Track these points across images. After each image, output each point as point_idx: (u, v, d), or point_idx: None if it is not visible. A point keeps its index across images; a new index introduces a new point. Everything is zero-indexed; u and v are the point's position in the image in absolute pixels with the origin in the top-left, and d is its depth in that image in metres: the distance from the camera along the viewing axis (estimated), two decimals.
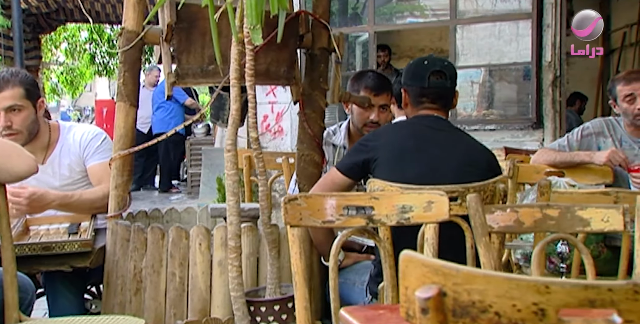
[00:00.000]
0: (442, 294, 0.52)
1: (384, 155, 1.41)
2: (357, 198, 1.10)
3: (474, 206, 1.05)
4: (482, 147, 1.48)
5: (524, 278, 0.51)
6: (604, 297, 0.50)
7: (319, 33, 1.63)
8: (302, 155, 1.65)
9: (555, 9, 5.12)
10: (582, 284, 0.50)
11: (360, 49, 6.42)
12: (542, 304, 0.50)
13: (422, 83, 1.47)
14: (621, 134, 2.08)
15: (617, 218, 1.05)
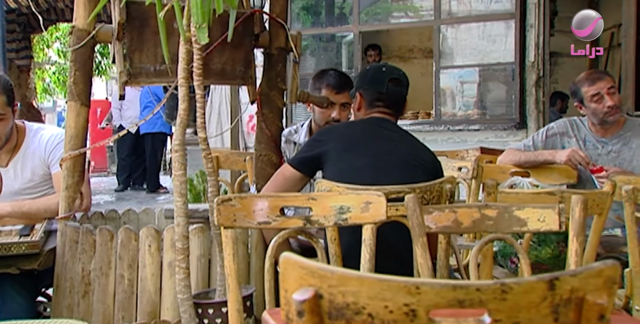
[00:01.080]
0: (319, 297, 0.51)
1: (334, 148, 1.43)
2: (295, 198, 1.09)
3: (411, 207, 1.04)
4: (427, 149, 1.52)
5: (395, 279, 0.50)
6: (473, 297, 0.50)
7: (276, 32, 1.62)
8: (259, 156, 1.64)
9: (539, 10, 5.14)
10: (451, 285, 0.50)
11: (346, 49, 6.41)
12: (413, 305, 0.50)
13: (381, 89, 1.51)
14: (585, 134, 2.08)
15: (553, 217, 1.05)
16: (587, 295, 0.52)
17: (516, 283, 0.51)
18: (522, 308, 0.51)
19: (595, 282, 0.53)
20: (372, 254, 1.10)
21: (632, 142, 2.01)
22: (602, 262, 0.54)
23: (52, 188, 1.70)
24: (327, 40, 6.46)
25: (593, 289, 0.53)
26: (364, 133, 1.46)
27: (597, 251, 1.76)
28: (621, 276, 1.61)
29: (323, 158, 1.43)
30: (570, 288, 0.52)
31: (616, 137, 2.04)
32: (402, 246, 1.27)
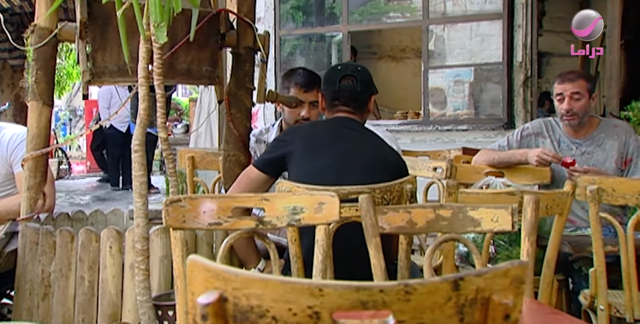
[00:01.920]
0: (223, 300, 0.50)
1: (298, 148, 1.43)
2: (247, 199, 1.08)
3: (365, 207, 1.04)
4: (392, 149, 1.52)
5: (298, 282, 0.49)
6: (376, 298, 0.49)
7: (244, 32, 1.62)
8: (227, 156, 1.63)
9: (526, 10, 5.15)
10: (354, 286, 0.49)
11: (335, 49, 6.41)
12: (317, 308, 0.49)
13: (334, 87, 1.51)
14: (560, 135, 2.08)
15: (506, 218, 1.05)
16: (493, 295, 0.52)
17: (420, 284, 0.50)
18: (426, 309, 0.50)
19: (502, 282, 0.52)
20: (325, 255, 1.09)
21: (605, 143, 2.02)
22: (509, 262, 0.53)
23: (15, 188, 1.68)
24: (316, 40, 6.46)
25: (499, 289, 0.52)
26: (328, 133, 1.46)
27: (567, 251, 1.77)
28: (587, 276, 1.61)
29: (287, 158, 1.42)
30: (476, 288, 0.51)
31: (590, 138, 2.04)
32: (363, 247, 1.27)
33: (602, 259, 1.47)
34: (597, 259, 1.47)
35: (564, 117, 1.99)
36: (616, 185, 1.44)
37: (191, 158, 2.22)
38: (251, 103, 1.64)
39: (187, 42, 1.48)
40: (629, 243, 1.44)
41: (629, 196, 1.43)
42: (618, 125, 2.04)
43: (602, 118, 2.10)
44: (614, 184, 1.45)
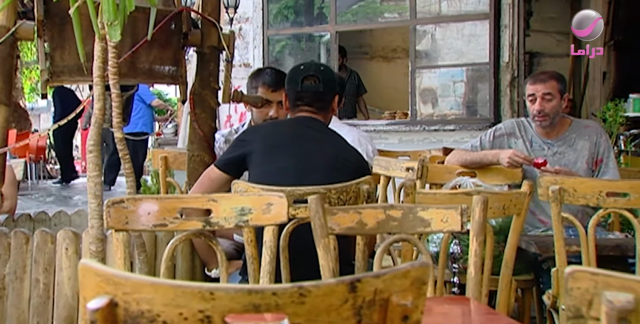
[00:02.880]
0: (114, 305, 0.49)
1: (259, 148, 1.42)
2: (194, 200, 1.07)
3: (313, 208, 1.03)
4: (354, 149, 1.51)
5: (189, 285, 0.49)
6: (269, 301, 0.48)
7: (208, 31, 1.61)
8: (192, 156, 1.62)
9: (513, 10, 5.15)
10: (246, 289, 0.48)
11: (324, 49, 6.39)
12: (208, 311, 0.48)
13: (296, 87, 1.50)
14: (532, 135, 2.08)
15: (456, 218, 1.04)
16: (392, 297, 0.51)
17: (315, 286, 0.49)
18: (322, 312, 0.50)
19: (402, 283, 0.52)
20: (273, 256, 1.08)
21: (576, 143, 2.02)
22: (409, 263, 0.52)
23: None
24: (305, 40, 6.45)
25: (399, 291, 0.52)
26: (289, 133, 1.45)
27: (533, 251, 1.77)
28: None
29: (248, 158, 1.41)
30: (374, 289, 0.51)
31: (561, 138, 2.04)
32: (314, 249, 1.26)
33: (564, 259, 1.46)
34: (559, 259, 1.47)
35: (536, 118, 1.99)
36: (577, 185, 1.44)
37: (164, 158, 2.21)
38: (216, 103, 1.63)
39: (149, 41, 1.46)
40: (589, 243, 1.44)
41: (589, 197, 1.43)
42: (589, 126, 2.05)
43: (573, 119, 2.10)
44: (575, 184, 1.44)
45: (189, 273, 1.49)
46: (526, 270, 1.89)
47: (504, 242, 1.88)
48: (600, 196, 1.41)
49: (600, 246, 1.63)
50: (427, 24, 5.54)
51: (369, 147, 2.34)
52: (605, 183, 1.44)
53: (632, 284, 0.48)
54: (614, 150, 3.61)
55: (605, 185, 1.42)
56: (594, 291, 0.48)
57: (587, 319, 0.49)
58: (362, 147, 2.33)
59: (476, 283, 1.01)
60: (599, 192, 1.41)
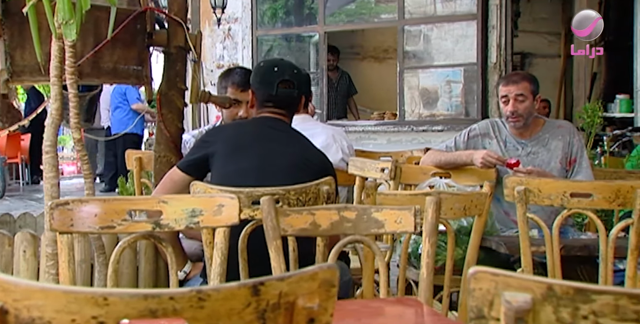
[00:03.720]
0: (4, 312, 0.48)
1: (221, 149, 1.41)
2: (144, 201, 1.06)
3: (265, 209, 1.02)
4: (317, 150, 1.50)
5: (82, 291, 0.47)
6: (166, 306, 0.47)
7: (175, 31, 1.59)
8: (158, 157, 1.61)
9: (500, 11, 5.16)
10: (141, 294, 0.47)
11: (314, 49, 6.38)
12: (102, 317, 0.47)
13: (270, 91, 1.48)
14: (506, 135, 2.08)
15: (409, 219, 1.03)
16: (297, 299, 0.50)
17: (215, 290, 0.48)
18: (223, 316, 0.49)
19: (309, 286, 0.51)
20: (223, 258, 1.07)
21: (550, 143, 2.02)
22: (317, 265, 0.52)
23: None
24: (296, 40, 6.44)
25: (306, 293, 0.51)
26: (252, 134, 1.44)
27: (503, 251, 1.76)
28: None
29: (210, 159, 1.40)
30: (279, 292, 0.50)
31: (535, 138, 2.04)
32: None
33: (529, 260, 1.46)
34: (524, 260, 1.46)
35: (510, 119, 2.00)
36: (542, 186, 1.43)
37: (138, 159, 2.19)
38: (183, 103, 1.62)
39: (112, 40, 1.45)
40: (554, 244, 1.43)
41: (554, 197, 1.43)
42: (562, 126, 2.05)
43: (547, 119, 2.11)
44: (540, 185, 1.44)
45: (152, 276, 1.48)
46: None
47: None
48: (565, 197, 1.41)
49: (568, 247, 1.64)
50: (415, 25, 5.55)
51: (344, 143, 2.34)
52: (569, 183, 1.44)
53: (530, 284, 0.47)
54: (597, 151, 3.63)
55: (569, 186, 1.42)
56: (495, 291, 0.48)
57: (489, 320, 0.48)
58: (337, 144, 2.33)
59: (428, 284, 1.01)
60: (563, 193, 1.41)
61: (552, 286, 0.47)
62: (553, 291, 0.47)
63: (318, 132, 2.27)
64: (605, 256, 1.38)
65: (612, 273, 1.39)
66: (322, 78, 5.87)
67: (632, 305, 0.46)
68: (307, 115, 2.29)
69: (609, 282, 1.38)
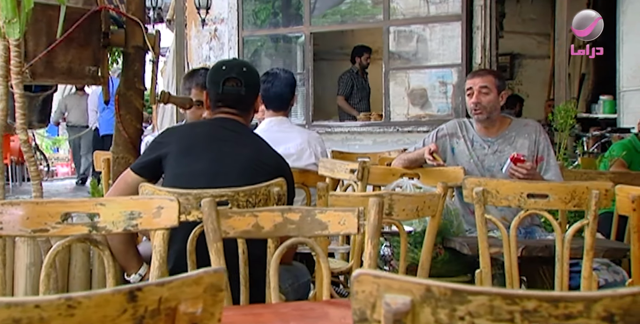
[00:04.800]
0: None
1: (174, 151, 1.39)
2: (80, 204, 1.04)
3: (206, 211, 1.00)
4: (274, 152, 1.48)
5: None
6: (32, 315, 0.45)
7: (133, 31, 1.57)
8: (116, 158, 1.59)
9: (485, 11, 5.17)
10: (4, 303, 0.45)
11: (300, 50, 6.37)
12: None
13: (217, 89, 1.47)
14: (473, 134, 2.07)
15: (352, 220, 1.02)
16: (180, 305, 0.49)
17: (86, 297, 0.47)
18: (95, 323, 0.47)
19: (193, 290, 0.49)
20: (162, 261, 1.05)
21: (516, 141, 2.02)
22: (203, 270, 0.50)
23: None
24: (283, 41, 6.42)
25: (189, 298, 0.49)
26: (205, 135, 1.42)
27: (465, 252, 1.76)
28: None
29: (163, 161, 1.38)
30: (159, 298, 0.48)
31: (501, 136, 2.04)
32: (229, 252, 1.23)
33: (487, 260, 1.45)
34: (483, 260, 1.45)
35: (473, 111, 2.01)
36: (500, 187, 1.43)
37: (106, 160, 2.17)
38: (142, 104, 1.60)
39: (67, 40, 1.43)
40: (511, 244, 1.43)
41: (511, 198, 1.42)
42: (528, 124, 2.06)
43: (513, 118, 2.11)
44: (498, 186, 1.43)
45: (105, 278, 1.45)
46: (464, 271, 1.88)
47: (440, 244, 1.88)
48: (522, 198, 1.41)
49: (530, 247, 1.63)
50: (401, 25, 5.56)
51: (318, 148, 2.32)
52: (526, 184, 1.43)
53: (410, 286, 0.46)
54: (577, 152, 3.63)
55: (526, 187, 1.41)
56: (377, 294, 0.47)
57: (371, 322, 0.47)
58: (311, 149, 2.31)
59: None
60: (520, 193, 1.40)
61: (430, 288, 0.46)
62: (431, 293, 0.46)
63: (293, 135, 2.25)
64: (561, 257, 1.37)
65: (568, 273, 1.38)
66: (308, 80, 5.86)
67: (506, 305, 0.45)
68: (284, 117, 2.27)
69: (564, 282, 1.37)
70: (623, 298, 0.46)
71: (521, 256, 1.63)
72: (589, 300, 0.45)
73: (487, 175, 2.01)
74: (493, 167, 2.02)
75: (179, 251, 1.25)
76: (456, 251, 1.85)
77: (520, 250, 1.60)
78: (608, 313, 0.45)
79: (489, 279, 1.44)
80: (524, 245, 1.61)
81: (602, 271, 1.74)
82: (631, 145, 2.72)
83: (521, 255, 1.62)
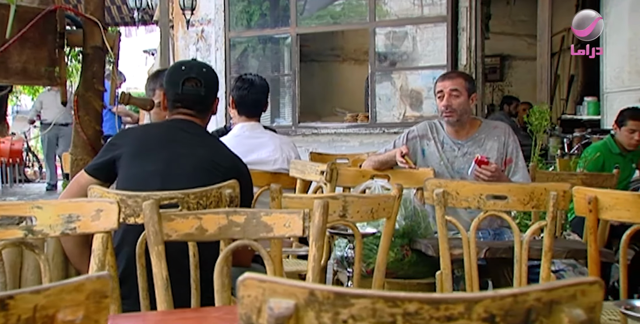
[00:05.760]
0: None
1: (128, 152, 1.37)
2: (15, 207, 1.02)
3: (147, 214, 0.98)
4: (230, 153, 1.46)
5: None
6: None
7: (91, 31, 1.55)
8: (75, 160, 1.56)
9: (470, 13, 5.18)
10: None
11: (288, 51, 6.36)
12: None
13: (176, 89, 1.45)
14: (443, 136, 2.07)
15: (298, 223, 1.01)
16: (58, 313, 0.47)
17: None
18: None
19: (73, 297, 0.48)
20: (101, 265, 1.03)
21: (485, 144, 2.01)
22: (85, 276, 0.48)
23: None
24: (272, 42, 6.40)
25: (69, 306, 0.47)
26: (159, 136, 1.41)
27: (430, 253, 1.74)
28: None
29: (117, 162, 1.36)
30: (34, 306, 0.46)
31: (471, 139, 2.04)
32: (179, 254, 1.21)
33: (448, 262, 1.44)
34: (443, 262, 1.44)
35: (444, 114, 2.00)
36: (460, 189, 1.42)
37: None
38: (101, 105, 1.58)
39: (21, 40, 1.41)
40: (470, 246, 1.42)
41: (471, 199, 1.41)
42: (498, 127, 2.05)
43: (483, 120, 2.10)
44: (458, 187, 1.42)
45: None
46: (432, 272, 1.87)
47: (407, 245, 1.87)
48: (481, 199, 1.40)
49: (493, 249, 1.62)
50: (386, 27, 5.56)
51: (291, 154, 2.31)
52: (485, 186, 1.42)
53: (295, 290, 0.45)
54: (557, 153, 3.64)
55: (485, 188, 1.40)
56: (262, 298, 0.45)
57: None
58: (283, 155, 2.30)
59: None
60: (480, 195, 1.39)
61: (313, 291, 0.45)
62: (315, 296, 0.45)
63: (265, 141, 2.24)
64: (520, 258, 1.36)
65: (527, 274, 1.37)
66: (295, 81, 5.85)
67: (388, 308, 0.44)
68: (256, 123, 2.26)
69: (523, 283, 1.36)
70: (504, 299, 0.45)
71: (485, 257, 1.62)
72: (470, 301, 0.45)
73: (457, 177, 2.00)
74: (463, 169, 2.01)
75: (129, 254, 1.23)
76: (424, 253, 1.83)
77: (484, 252, 1.59)
78: (489, 313, 0.45)
79: (449, 280, 1.43)
80: (487, 247, 1.60)
81: (567, 272, 1.73)
82: (605, 147, 2.73)
83: (485, 256, 1.61)
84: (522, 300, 0.46)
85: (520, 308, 0.46)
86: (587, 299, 0.47)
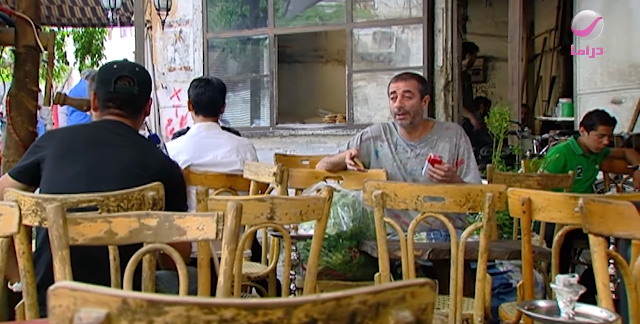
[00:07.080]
0: None
1: (51, 154, 1.34)
2: None
3: (51, 218, 0.95)
4: (160, 155, 1.43)
5: None
6: None
7: (23, 30, 1.51)
8: (7, 162, 1.52)
9: (446, 14, 5.18)
10: None
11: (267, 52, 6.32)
12: None
13: (108, 88, 1.41)
14: (397, 138, 2.05)
15: (211, 226, 0.98)
16: None
17: None
18: None
19: None
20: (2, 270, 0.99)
21: (437, 145, 2.00)
22: None
23: None
24: (250, 43, 6.37)
25: None
26: (87, 137, 1.37)
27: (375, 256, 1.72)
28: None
29: (41, 165, 1.32)
30: None
31: (424, 140, 2.02)
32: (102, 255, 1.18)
33: (386, 264, 1.42)
34: (382, 263, 1.42)
35: (396, 116, 1.98)
36: (398, 190, 1.40)
37: None
38: (35, 106, 1.54)
39: None
40: (408, 248, 1.40)
41: (409, 201, 1.39)
42: (450, 128, 2.04)
43: (435, 121, 2.10)
44: (396, 189, 1.40)
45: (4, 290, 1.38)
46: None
47: (355, 247, 1.84)
48: (419, 201, 1.38)
49: (436, 250, 1.60)
50: (363, 28, 5.55)
51: (248, 156, 2.27)
52: (423, 188, 1.40)
53: (107, 299, 0.42)
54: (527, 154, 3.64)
55: (422, 190, 1.38)
56: (74, 308, 0.43)
57: None
58: (239, 156, 2.26)
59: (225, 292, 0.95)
60: (417, 196, 1.37)
61: (126, 300, 0.42)
62: (127, 305, 0.42)
63: (222, 142, 2.21)
64: (456, 259, 1.34)
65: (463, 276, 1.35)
66: (273, 82, 5.82)
67: (204, 315, 0.42)
68: (213, 123, 2.23)
69: (459, 285, 1.34)
70: (325, 303, 0.43)
71: (429, 258, 1.61)
72: (289, 306, 0.42)
73: (409, 178, 1.98)
74: (415, 171, 1.99)
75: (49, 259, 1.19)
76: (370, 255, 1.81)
77: (427, 253, 1.57)
78: (310, 318, 0.43)
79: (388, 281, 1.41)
80: (431, 248, 1.58)
81: (515, 273, 1.72)
82: (567, 148, 2.73)
83: (429, 258, 1.60)
84: (346, 303, 0.44)
85: (344, 311, 0.44)
86: (417, 301, 0.45)
